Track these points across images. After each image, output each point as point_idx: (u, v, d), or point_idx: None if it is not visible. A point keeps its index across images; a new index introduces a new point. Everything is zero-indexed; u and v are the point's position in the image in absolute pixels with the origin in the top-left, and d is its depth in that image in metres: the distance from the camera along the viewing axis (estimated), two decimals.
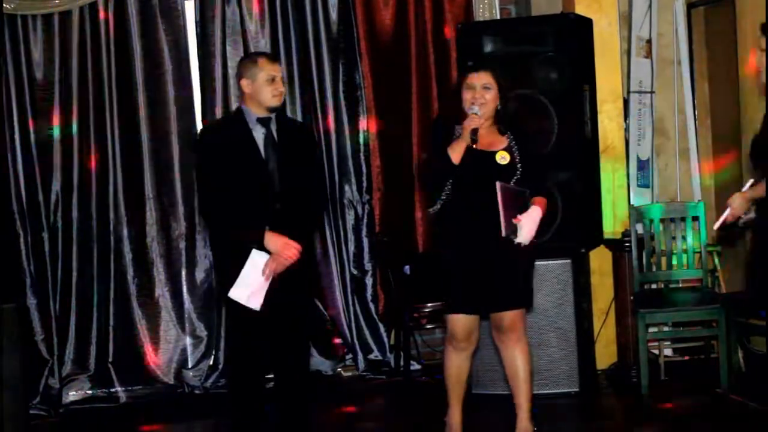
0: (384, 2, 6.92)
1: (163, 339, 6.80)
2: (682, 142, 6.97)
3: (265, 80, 4.87)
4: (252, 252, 4.82)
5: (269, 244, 4.80)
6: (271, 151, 4.90)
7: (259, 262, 4.81)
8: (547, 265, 5.81)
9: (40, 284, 6.60)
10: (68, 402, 6.61)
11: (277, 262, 4.81)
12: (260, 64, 4.89)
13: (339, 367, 6.96)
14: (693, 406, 5.73)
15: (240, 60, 5.19)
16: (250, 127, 4.90)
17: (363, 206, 6.95)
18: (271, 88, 4.88)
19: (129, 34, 6.68)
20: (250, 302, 4.80)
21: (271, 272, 4.81)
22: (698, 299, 6.02)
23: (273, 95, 4.89)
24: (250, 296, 4.80)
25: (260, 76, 4.86)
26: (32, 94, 6.62)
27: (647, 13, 6.82)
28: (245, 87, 4.90)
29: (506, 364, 5.01)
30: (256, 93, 4.89)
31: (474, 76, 4.86)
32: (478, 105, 4.80)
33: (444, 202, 4.88)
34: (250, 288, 4.80)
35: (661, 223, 6.18)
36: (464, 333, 4.93)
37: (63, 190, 6.65)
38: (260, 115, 4.91)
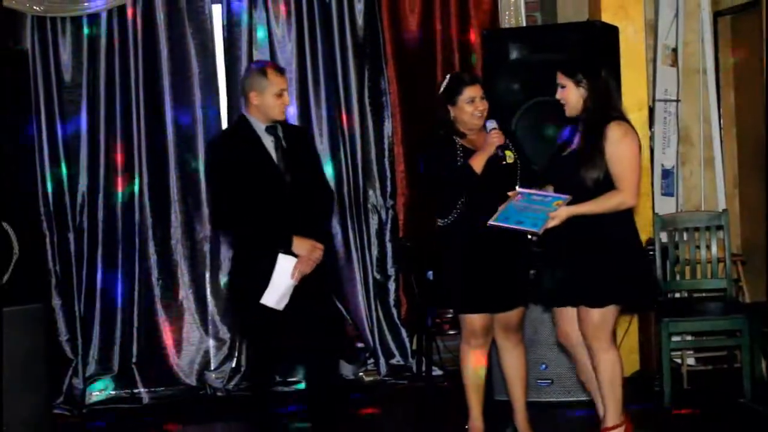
0: (410, 8, 6.94)
1: (186, 341, 6.83)
2: (706, 151, 6.94)
3: (274, 94, 4.95)
4: (279, 257, 4.90)
5: (297, 248, 4.90)
6: (281, 156, 4.98)
7: (287, 267, 4.90)
8: None
9: (66, 285, 6.65)
10: (91, 402, 6.65)
11: (305, 265, 4.91)
12: (269, 77, 4.94)
13: (361, 371, 6.97)
14: (715, 415, 5.71)
15: (247, 70, 5.25)
16: (259, 135, 4.98)
17: (387, 211, 6.96)
18: (279, 102, 4.96)
19: (156, 37, 6.72)
20: (278, 305, 4.91)
21: (300, 275, 4.90)
22: (722, 309, 6.00)
23: (280, 110, 4.97)
24: (279, 299, 4.90)
25: (269, 90, 4.94)
26: (60, 96, 6.67)
27: (673, 22, 6.81)
28: (253, 99, 4.96)
29: (509, 364, 5.16)
30: (263, 106, 4.96)
31: (472, 89, 4.99)
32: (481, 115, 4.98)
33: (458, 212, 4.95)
34: (279, 292, 4.90)
35: (685, 232, 6.17)
36: (483, 328, 5.04)
37: (89, 191, 6.70)
38: (266, 124, 4.99)
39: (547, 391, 5.90)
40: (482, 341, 5.07)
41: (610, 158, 4.59)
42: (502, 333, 5.10)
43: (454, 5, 6.91)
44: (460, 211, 4.94)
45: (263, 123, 4.99)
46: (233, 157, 4.93)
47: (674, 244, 6.15)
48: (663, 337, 5.82)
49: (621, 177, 4.60)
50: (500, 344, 5.14)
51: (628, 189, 4.60)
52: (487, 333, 5.07)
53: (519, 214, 4.65)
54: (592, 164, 4.59)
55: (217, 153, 5.08)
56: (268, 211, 4.89)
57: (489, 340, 5.11)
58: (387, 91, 6.93)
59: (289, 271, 4.89)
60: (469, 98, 4.98)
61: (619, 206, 4.62)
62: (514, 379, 5.16)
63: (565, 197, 4.63)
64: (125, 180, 6.72)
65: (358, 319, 6.92)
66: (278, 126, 5.04)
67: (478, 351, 5.08)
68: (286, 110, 5.07)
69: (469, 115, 4.98)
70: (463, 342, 5.12)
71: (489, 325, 5.06)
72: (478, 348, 5.08)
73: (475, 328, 5.04)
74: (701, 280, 6.18)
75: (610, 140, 4.59)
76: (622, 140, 4.61)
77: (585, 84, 4.68)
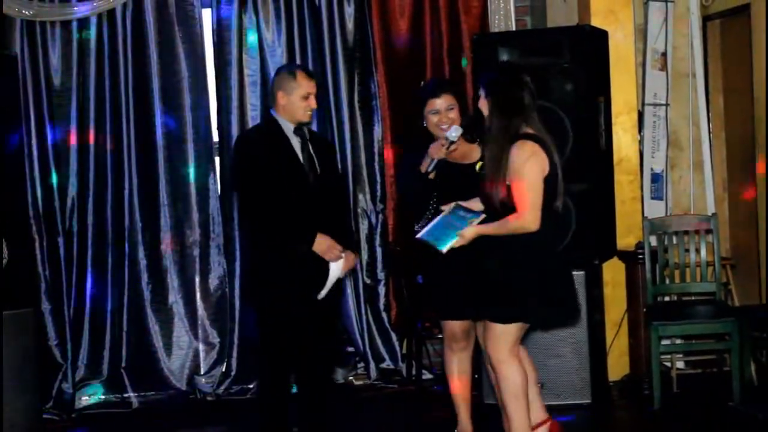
0: (400, 12, 6.94)
1: (176, 345, 6.82)
2: (696, 155, 6.96)
3: (301, 96, 5.01)
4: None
5: (317, 246, 4.95)
6: (308, 158, 5.05)
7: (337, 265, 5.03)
8: None
9: (55, 289, 6.63)
10: (81, 407, 6.64)
11: (352, 260, 5.09)
12: (298, 79, 5.02)
13: (351, 375, 6.97)
14: (705, 419, 5.72)
15: (278, 70, 5.29)
16: (287, 135, 5.04)
17: (377, 215, 6.96)
18: (305, 104, 5.03)
19: (146, 42, 6.71)
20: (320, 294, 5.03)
21: (348, 268, 5.10)
22: (711, 312, 6.01)
23: (306, 112, 5.04)
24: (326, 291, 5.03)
25: (297, 92, 5.01)
26: (49, 100, 6.66)
27: (663, 26, 6.82)
28: (280, 98, 5.03)
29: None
30: (289, 106, 5.03)
31: (435, 102, 4.98)
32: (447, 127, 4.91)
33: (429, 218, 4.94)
34: (329, 285, 5.02)
35: (675, 236, 6.18)
36: (462, 332, 5.06)
37: (78, 195, 6.69)
38: (294, 125, 5.06)
39: None
40: (463, 344, 5.09)
41: (511, 179, 4.45)
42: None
43: (444, 9, 6.91)
44: (432, 216, 4.92)
45: (291, 124, 5.06)
46: (261, 152, 4.99)
47: (663, 247, 6.16)
48: (652, 340, 5.83)
49: (519, 197, 4.44)
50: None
51: (524, 211, 4.44)
52: (467, 336, 5.09)
53: (439, 230, 4.65)
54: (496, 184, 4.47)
55: (247, 146, 5.15)
56: (292, 207, 4.96)
57: (471, 342, 5.12)
58: (377, 95, 6.94)
59: (341, 265, 5.01)
60: (434, 110, 4.99)
61: (519, 230, 4.45)
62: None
63: (479, 216, 4.60)
64: (115, 184, 6.71)
65: (348, 323, 6.92)
66: (305, 130, 5.12)
67: (461, 354, 5.11)
68: (313, 114, 5.15)
69: (433, 126, 4.99)
70: (446, 347, 5.16)
71: (468, 328, 5.07)
72: (460, 351, 5.10)
73: (455, 331, 5.07)
74: (690, 283, 6.19)
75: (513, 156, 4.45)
76: (521, 156, 4.44)
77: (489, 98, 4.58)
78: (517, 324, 4.58)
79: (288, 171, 4.98)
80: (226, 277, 6.80)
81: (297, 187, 4.99)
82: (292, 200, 4.96)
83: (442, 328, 5.14)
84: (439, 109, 4.97)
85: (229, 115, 6.78)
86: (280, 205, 4.94)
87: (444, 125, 4.93)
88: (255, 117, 6.75)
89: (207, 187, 6.80)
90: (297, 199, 4.97)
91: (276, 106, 5.08)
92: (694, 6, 6.87)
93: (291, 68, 5.23)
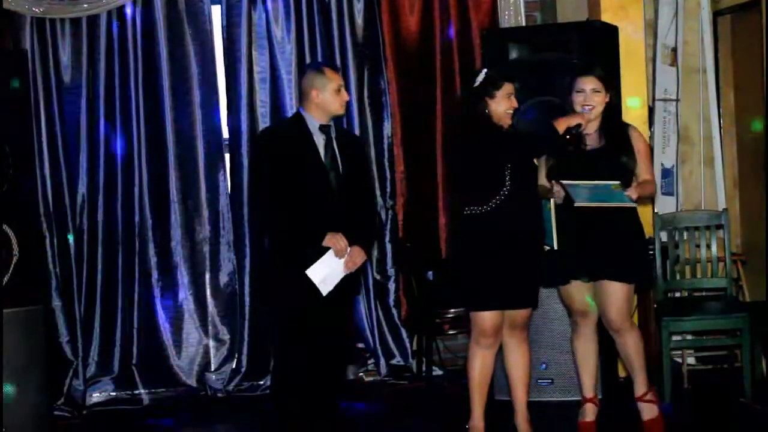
0: (410, 8, 6.94)
1: (186, 342, 6.83)
2: (706, 150, 6.94)
3: (334, 90, 5.12)
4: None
5: (327, 241, 5.01)
6: (330, 157, 5.11)
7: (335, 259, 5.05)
8: None
9: (66, 286, 6.64)
10: (92, 403, 6.65)
11: (357, 255, 5.07)
12: (328, 74, 5.14)
13: (361, 371, 6.97)
14: (716, 415, 5.72)
15: (307, 69, 5.42)
16: (312, 132, 5.10)
17: (386, 212, 6.95)
18: (338, 97, 5.13)
19: (156, 38, 6.72)
20: (322, 285, 5.00)
21: (352, 264, 5.06)
22: (722, 308, 6.00)
23: (341, 104, 5.15)
24: (324, 279, 5.01)
25: (329, 87, 5.11)
26: (59, 97, 6.67)
27: (673, 21, 6.80)
28: (315, 96, 5.11)
29: (512, 362, 5.17)
30: (324, 102, 5.12)
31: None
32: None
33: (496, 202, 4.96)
34: (326, 271, 5.01)
35: (686, 231, 6.17)
36: (493, 328, 5.05)
37: (89, 192, 6.70)
38: (322, 122, 5.13)
39: (547, 390, 5.90)
40: (491, 341, 5.07)
41: (637, 154, 5.10)
42: (508, 330, 5.11)
43: (454, 5, 6.91)
44: (502, 198, 4.95)
45: (319, 121, 5.13)
46: (281, 147, 5.08)
47: (674, 243, 6.15)
48: (663, 336, 5.82)
49: (648, 170, 5.14)
50: (505, 341, 5.14)
51: (653, 179, 5.22)
52: (496, 333, 5.07)
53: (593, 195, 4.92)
54: (630, 156, 5.08)
55: (267, 140, 5.28)
56: (307, 204, 5.01)
57: (498, 341, 5.11)
58: (386, 91, 6.94)
59: (343, 258, 5.04)
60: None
61: (653, 194, 5.49)
62: (517, 380, 5.17)
63: (617, 183, 4.94)
64: (125, 181, 6.71)
65: (358, 320, 6.92)
66: (332, 127, 5.18)
67: (486, 352, 5.09)
68: (345, 105, 5.24)
69: (504, 109, 5.01)
70: (473, 341, 5.12)
71: (499, 324, 5.06)
72: (486, 349, 5.08)
73: (486, 327, 5.03)
74: (701, 279, 6.18)
75: (635, 139, 5.14)
76: (642, 139, 5.22)
77: (611, 91, 5.15)
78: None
79: (307, 169, 5.04)
80: (236, 273, 6.80)
81: (313, 184, 5.04)
82: (307, 199, 5.00)
83: (472, 322, 5.11)
84: (511, 92, 5.05)
85: (239, 111, 6.78)
86: (291, 204, 4.97)
87: (511, 110, 5.04)
88: (264, 113, 6.76)
89: (217, 183, 6.81)
90: (314, 197, 5.01)
91: (308, 104, 5.15)
92: (705, 1, 6.85)
93: (317, 65, 5.39)
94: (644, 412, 5.23)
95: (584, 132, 5.04)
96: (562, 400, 5.86)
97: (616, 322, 5.10)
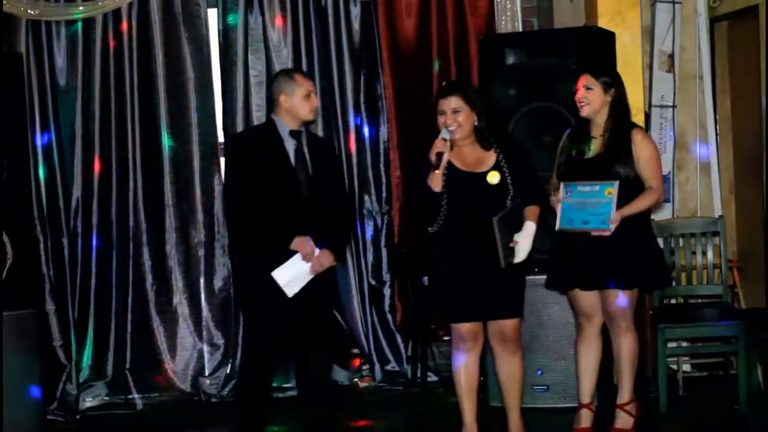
0: (407, 13, 6.93)
1: (181, 346, 6.81)
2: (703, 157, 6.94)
3: (303, 95, 5.13)
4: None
5: (295, 245, 5.02)
6: (301, 162, 5.13)
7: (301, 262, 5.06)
8: None
9: (59, 290, 6.62)
10: (85, 408, 6.63)
11: (324, 258, 5.07)
12: (297, 80, 5.16)
13: (356, 377, 6.95)
14: (711, 422, 5.70)
15: (276, 76, 5.40)
16: (283, 138, 5.12)
17: (382, 217, 6.95)
18: (309, 103, 5.15)
19: (151, 42, 6.71)
20: (287, 288, 5.01)
21: (319, 267, 5.05)
22: (718, 315, 5.99)
23: (310, 110, 5.16)
24: (290, 281, 5.02)
25: (298, 92, 5.12)
26: (54, 100, 6.65)
27: (670, 27, 6.80)
28: (284, 102, 5.12)
29: (504, 372, 5.15)
30: (294, 107, 5.13)
31: (442, 102, 4.96)
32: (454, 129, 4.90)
33: (441, 223, 4.95)
34: (292, 274, 5.03)
35: (681, 238, 6.16)
36: (470, 334, 5.05)
37: (83, 195, 6.68)
38: (293, 128, 5.15)
39: (542, 397, 5.89)
40: (471, 345, 5.07)
41: (640, 161, 5.03)
42: (498, 342, 5.09)
43: (451, 10, 6.90)
44: (442, 223, 4.94)
45: (290, 126, 5.15)
46: (251, 152, 5.11)
47: (670, 250, 6.14)
48: (659, 343, 5.81)
49: (652, 177, 5.05)
50: (496, 353, 5.14)
51: (659, 187, 5.08)
52: (475, 338, 5.07)
53: (581, 213, 4.98)
54: (626, 165, 5.00)
55: (237, 146, 5.38)
56: (277, 209, 5.01)
57: (479, 344, 5.10)
58: (383, 96, 6.92)
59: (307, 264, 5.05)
60: (440, 111, 4.97)
61: (656, 203, 5.20)
62: (509, 388, 5.16)
63: (613, 183, 4.92)
64: (119, 185, 6.69)
65: (353, 325, 6.90)
66: (303, 133, 5.20)
67: (468, 355, 5.08)
68: (316, 111, 5.26)
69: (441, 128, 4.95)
70: (454, 348, 5.14)
71: (477, 329, 5.06)
72: (468, 352, 5.08)
73: (463, 333, 5.05)
74: (697, 286, 6.17)
75: (637, 145, 5.04)
76: (647, 144, 5.10)
77: (613, 92, 5.08)
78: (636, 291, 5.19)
79: (276, 173, 5.06)
80: (231, 278, 6.78)
81: (283, 189, 5.06)
82: (277, 203, 5.02)
83: (451, 329, 5.12)
84: (444, 110, 4.94)
85: (235, 115, 6.77)
86: (261, 208, 5.00)
87: (451, 127, 4.90)
88: (260, 117, 6.74)
89: (212, 187, 6.79)
90: (283, 202, 5.03)
91: (278, 110, 5.17)
92: (702, 7, 6.85)
93: (287, 71, 5.38)
94: (619, 420, 5.26)
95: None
96: (558, 406, 5.84)
97: (617, 319, 5.14)
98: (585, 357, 5.29)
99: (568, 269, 5.18)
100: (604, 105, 5.10)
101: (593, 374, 5.31)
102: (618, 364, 5.26)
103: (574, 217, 5.01)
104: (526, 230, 4.90)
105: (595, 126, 5.15)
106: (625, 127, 5.12)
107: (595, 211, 4.96)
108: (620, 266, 5.06)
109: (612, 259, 5.04)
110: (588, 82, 5.10)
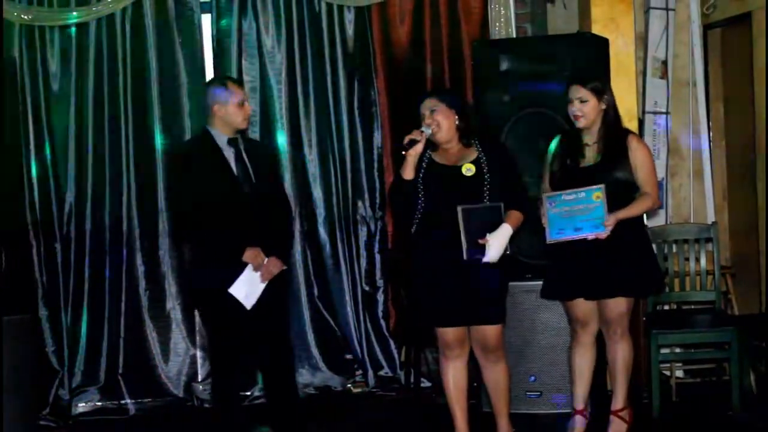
0: (400, 19, 6.92)
1: (173, 352, 6.80)
2: (696, 164, 6.95)
3: (236, 104, 5.17)
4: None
5: (246, 257, 5.07)
6: (242, 171, 5.16)
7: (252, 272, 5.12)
8: None
9: (52, 295, 6.62)
10: (78, 413, 6.61)
11: (272, 265, 5.12)
12: (230, 88, 5.19)
13: (349, 383, 6.94)
14: (704, 428, 5.71)
15: (208, 85, 5.39)
16: (221, 147, 5.16)
17: (376, 222, 6.95)
18: (242, 111, 5.19)
19: (145, 47, 6.70)
20: (246, 300, 5.08)
21: (268, 275, 5.10)
22: (711, 321, 5.99)
23: (244, 118, 5.21)
24: (247, 294, 5.09)
25: (231, 101, 5.16)
26: (48, 105, 6.64)
27: (663, 34, 6.81)
28: (217, 111, 5.16)
29: (488, 380, 5.16)
30: (228, 116, 5.17)
31: (422, 107, 5.08)
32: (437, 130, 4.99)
33: (419, 220, 4.98)
34: (247, 286, 5.09)
35: (675, 244, 6.16)
36: (456, 341, 5.05)
37: (76, 201, 6.67)
38: (229, 136, 5.19)
39: (536, 402, 5.88)
40: (457, 352, 5.07)
41: (636, 167, 5.06)
42: (481, 352, 5.09)
43: (445, 16, 6.90)
44: (420, 220, 4.97)
45: (226, 135, 5.18)
46: (193, 165, 5.12)
47: (663, 256, 6.14)
48: (652, 349, 5.81)
49: (647, 182, 5.08)
50: (480, 363, 5.15)
51: (654, 193, 5.11)
52: (461, 344, 5.06)
53: (570, 221, 4.99)
54: (625, 170, 5.05)
55: (176, 160, 5.42)
56: (225, 221, 5.04)
57: (465, 351, 5.10)
58: (376, 102, 6.92)
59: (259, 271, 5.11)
60: (422, 116, 5.05)
61: (651, 208, 5.18)
62: (496, 395, 5.16)
63: (600, 187, 4.93)
64: (113, 190, 6.69)
65: (346, 330, 6.90)
66: (239, 139, 5.22)
67: (456, 363, 5.09)
68: (248, 119, 5.29)
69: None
70: (441, 355, 5.16)
71: (462, 335, 5.05)
72: (454, 359, 5.08)
73: (448, 339, 5.05)
74: (690, 292, 6.17)
75: (633, 150, 5.07)
76: (642, 150, 5.12)
77: (606, 99, 5.11)
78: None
79: (219, 183, 5.08)
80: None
81: (229, 198, 5.08)
82: (224, 213, 5.03)
83: (437, 336, 5.12)
84: (424, 113, 5.04)
85: None
86: (208, 221, 5.03)
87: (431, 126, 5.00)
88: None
89: None
90: (230, 212, 5.05)
91: (212, 120, 5.20)
92: (695, 14, 6.87)
93: (221, 80, 5.41)
94: (613, 426, 5.27)
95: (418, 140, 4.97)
96: (551, 412, 5.84)
97: (613, 326, 5.16)
98: (579, 363, 5.30)
99: (567, 279, 5.16)
100: (599, 114, 5.12)
101: (588, 381, 5.31)
102: (613, 370, 5.26)
103: (564, 227, 5.02)
104: (499, 231, 4.86)
105: (587, 133, 5.15)
106: (621, 132, 5.14)
107: (585, 216, 4.97)
108: (624, 274, 5.07)
109: (615, 267, 5.05)
110: (582, 95, 5.10)
